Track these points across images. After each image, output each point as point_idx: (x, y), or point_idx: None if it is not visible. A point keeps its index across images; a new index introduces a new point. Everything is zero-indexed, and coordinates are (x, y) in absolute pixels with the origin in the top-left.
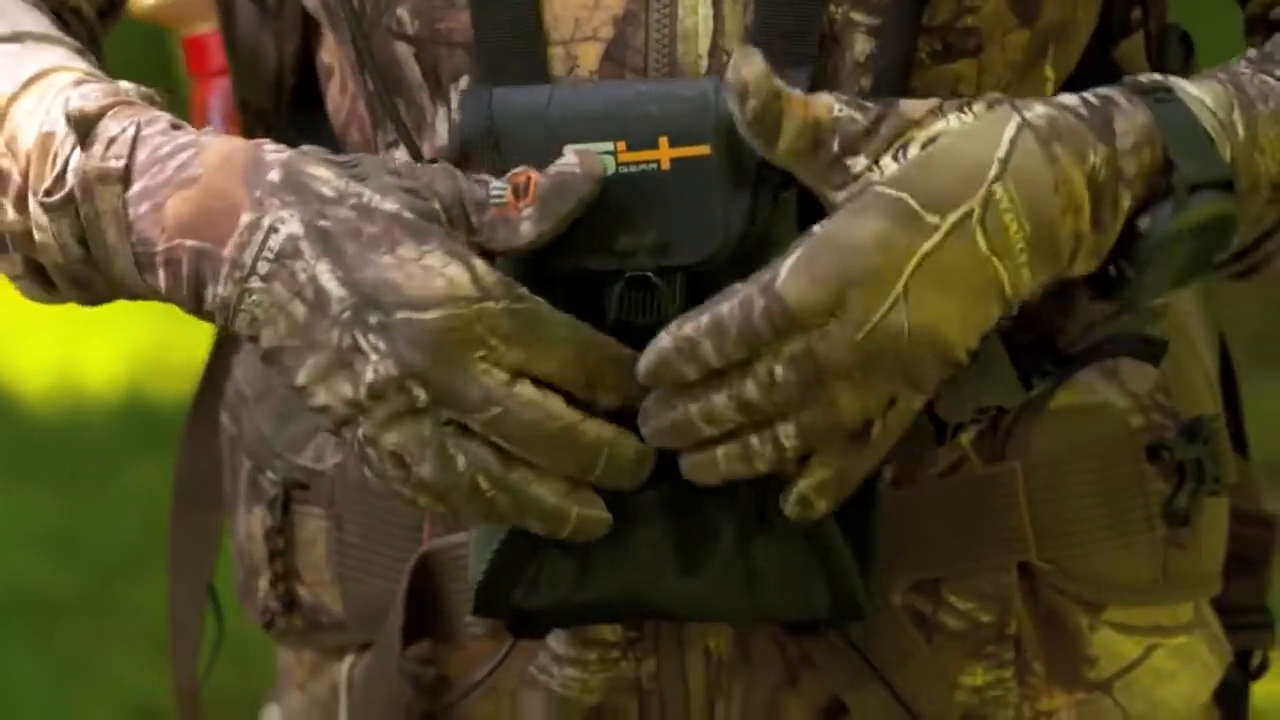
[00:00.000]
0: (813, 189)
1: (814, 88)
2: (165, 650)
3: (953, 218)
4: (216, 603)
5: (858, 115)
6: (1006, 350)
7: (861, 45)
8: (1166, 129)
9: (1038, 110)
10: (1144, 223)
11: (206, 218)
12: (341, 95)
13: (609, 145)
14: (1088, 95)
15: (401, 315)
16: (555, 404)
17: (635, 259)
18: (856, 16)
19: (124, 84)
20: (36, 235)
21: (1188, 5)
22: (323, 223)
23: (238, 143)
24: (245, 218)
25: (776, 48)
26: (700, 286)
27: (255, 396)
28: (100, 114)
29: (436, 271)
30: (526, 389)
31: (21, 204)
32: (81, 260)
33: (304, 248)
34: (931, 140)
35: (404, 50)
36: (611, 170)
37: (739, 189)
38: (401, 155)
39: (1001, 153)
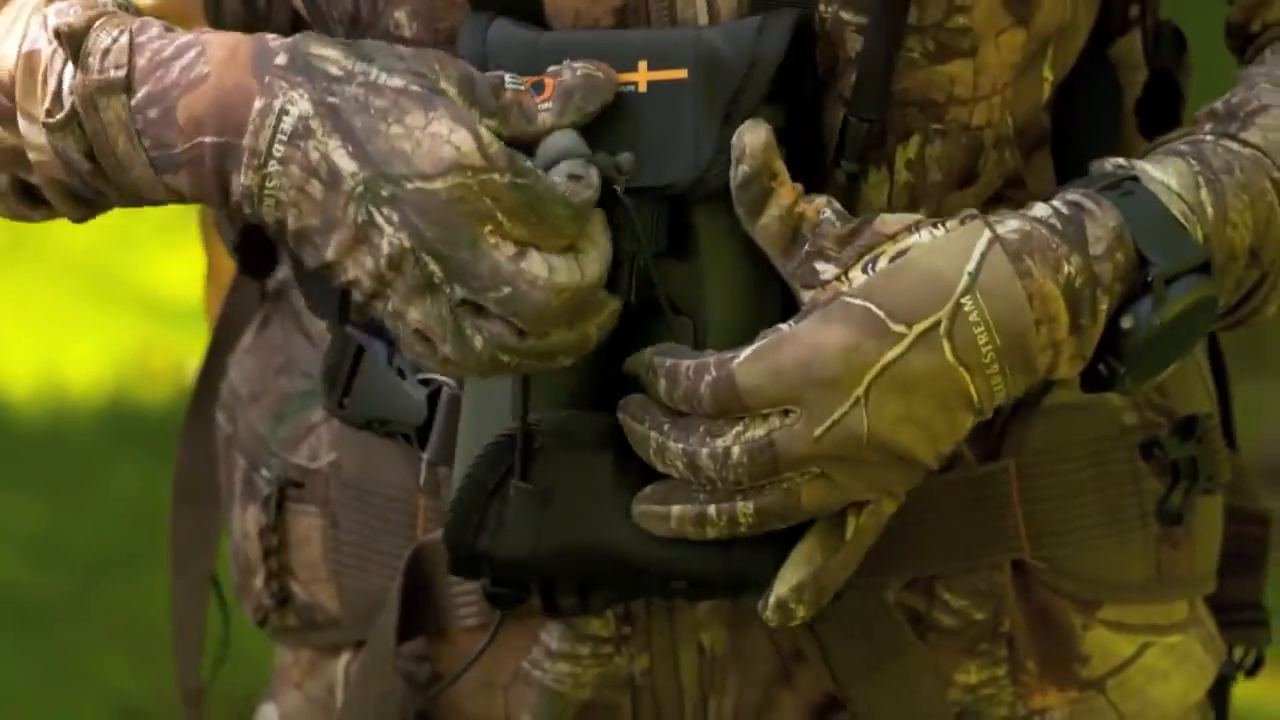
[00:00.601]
0: (781, 274)
1: (816, 88)
2: (149, 651)
3: (919, 328)
4: (222, 599)
5: (838, 224)
6: None
7: (853, 43)
8: (1136, 225)
9: (1010, 225)
10: (1126, 321)
11: (221, 112)
12: None
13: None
14: (1059, 204)
15: (412, 186)
16: (561, 276)
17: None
18: (845, 15)
19: None
20: (31, 154)
21: (1179, 1)
22: (331, 99)
23: (240, 36)
24: (257, 104)
25: None
26: (679, 216)
27: (250, 396)
28: (87, 27)
29: (444, 139)
30: (534, 264)
31: (8, 122)
32: (91, 173)
33: (315, 126)
34: (901, 253)
35: None
36: None
37: (712, 117)
38: None
39: (971, 266)
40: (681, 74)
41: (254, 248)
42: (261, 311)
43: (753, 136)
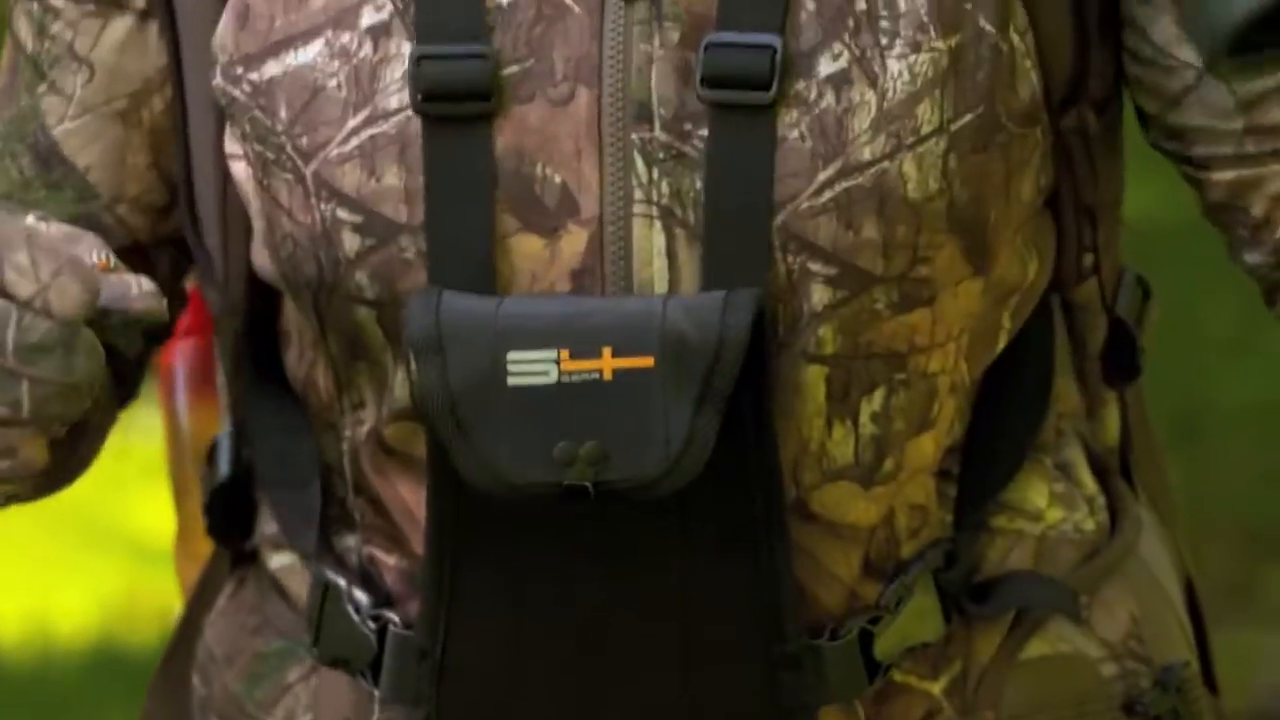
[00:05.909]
0: None
1: (771, 334)
2: None
3: None
4: None
5: None
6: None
7: (820, 294)
8: None
9: None
10: None
11: None
12: (299, 361)
13: (552, 353)
14: None
15: None
16: None
17: (574, 469)
18: (813, 266)
19: None
20: None
21: (1144, 248)
22: None
23: None
24: None
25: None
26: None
27: (225, 658)
28: None
29: None
30: None
31: None
32: None
33: None
34: None
35: (364, 314)
36: (553, 379)
37: (681, 405)
38: (368, 418)
39: None
40: (648, 361)
41: (225, 513)
42: (236, 575)
43: None
